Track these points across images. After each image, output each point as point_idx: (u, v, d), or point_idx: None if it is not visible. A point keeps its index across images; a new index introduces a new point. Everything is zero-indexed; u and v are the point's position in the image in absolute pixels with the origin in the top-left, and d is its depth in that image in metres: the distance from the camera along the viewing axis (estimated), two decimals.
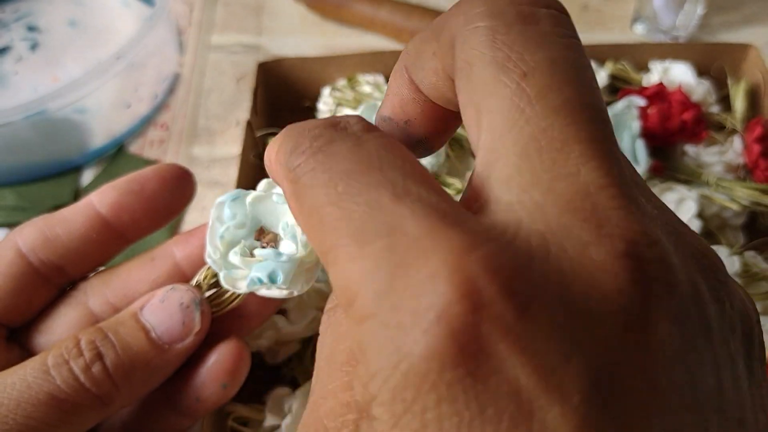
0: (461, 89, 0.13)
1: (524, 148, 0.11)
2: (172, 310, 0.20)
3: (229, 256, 0.19)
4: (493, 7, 0.12)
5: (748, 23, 0.47)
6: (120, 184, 0.21)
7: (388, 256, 0.10)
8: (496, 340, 0.09)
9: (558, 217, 0.10)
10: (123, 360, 0.19)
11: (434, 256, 0.10)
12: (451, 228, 0.10)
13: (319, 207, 0.12)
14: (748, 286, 0.29)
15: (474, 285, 0.10)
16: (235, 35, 0.49)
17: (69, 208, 0.21)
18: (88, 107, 0.41)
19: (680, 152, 0.35)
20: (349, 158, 0.12)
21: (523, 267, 0.10)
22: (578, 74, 0.12)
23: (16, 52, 0.47)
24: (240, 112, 0.44)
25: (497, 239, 0.10)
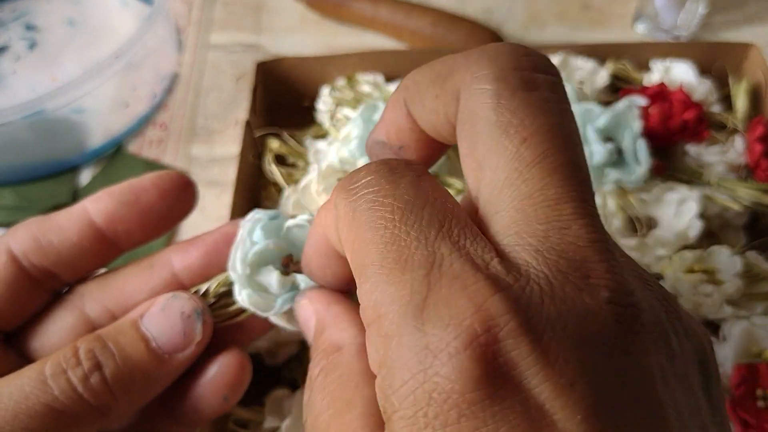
0: (463, 139, 0.14)
1: (521, 204, 0.13)
2: (173, 319, 0.20)
3: (261, 274, 0.19)
4: (498, 71, 0.14)
5: (749, 22, 0.47)
6: (116, 193, 0.21)
7: (423, 286, 0.12)
8: (514, 367, 0.11)
9: (556, 263, 0.12)
10: (122, 370, 0.19)
11: (464, 294, 0.12)
12: (479, 271, 0.12)
13: (373, 227, 0.13)
14: (749, 287, 0.29)
15: (495, 321, 0.11)
16: (234, 34, 0.49)
17: (64, 214, 0.21)
18: (87, 107, 0.40)
19: (681, 152, 0.35)
20: (409, 191, 0.14)
21: (536, 306, 0.12)
22: (570, 140, 0.14)
23: (14, 52, 0.47)
24: (239, 112, 0.44)
25: (514, 284, 0.12)
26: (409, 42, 0.46)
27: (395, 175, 0.14)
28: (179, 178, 0.21)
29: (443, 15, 0.45)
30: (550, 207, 0.13)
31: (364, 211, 0.13)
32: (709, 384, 0.14)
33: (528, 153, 0.13)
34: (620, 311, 0.12)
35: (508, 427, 0.11)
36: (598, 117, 0.31)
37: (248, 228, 0.20)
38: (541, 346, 0.11)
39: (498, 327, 0.11)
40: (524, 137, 0.13)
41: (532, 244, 0.12)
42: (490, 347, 0.11)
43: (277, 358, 0.30)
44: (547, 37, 0.47)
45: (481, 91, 0.14)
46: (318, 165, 0.32)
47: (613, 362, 0.12)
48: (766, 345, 0.27)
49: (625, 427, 0.11)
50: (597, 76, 0.38)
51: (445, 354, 0.11)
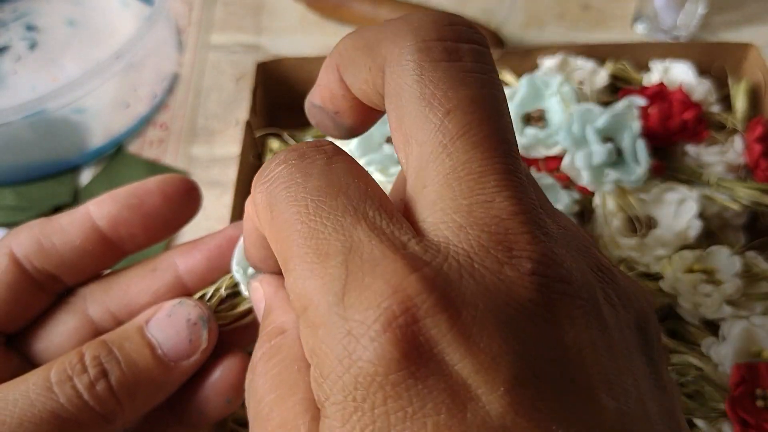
0: (391, 112, 0.14)
1: (446, 178, 0.13)
2: (179, 326, 0.20)
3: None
4: (421, 43, 0.14)
5: (749, 23, 0.47)
6: (119, 196, 0.21)
7: (343, 273, 0.12)
8: (435, 344, 0.11)
9: (477, 238, 0.12)
10: (128, 377, 0.19)
11: (381, 277, 0.12)
12: (396, 252, 0.12)
13: (290, 222, 0.13)
14: (749, 286, 0.29)
15: (413, 301, 0.11)
16: (235, 35, 0.49)
17: (66, 216, 0.21)
18: (87, 107, 0.40)
19: (681, 152, 0.35)
20: (320, 179, 0.13)
21: (454, 282, 0.12)
22: (495, 111, 0.13)
23: (14, 52, 0.47)
24: (239, 112, 0.44)
25: (432, 261, 0.12)
26: None
27: (305, 161, 0.14)
28: (184, 182, 0.21)
29: None
30: (474, 180, 0.13)
31: (280, 205, 0.13)
32: (650, 348, 0.14)
33: (452, 126, 0.13)
34: (544, 282, 0.12)
35: (432, 404, 0.11)
36: (597, 117, 0.31)
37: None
38: (459, 321, 0.11)
39: (416, 306, 0.11)
40: (447, 110, 0.13)
41: (456, 220, 0.12)
42: (409, 327, 0.11)
43: None
44: (547, 37, 0.47)
45: (405, 63, 0.14)
46: None
47: (537, 334, 0.12)
48: (766, 345, 0.27)
49: (550, 398, 0.11)
50: (596, 76, 0.38)
51: (366, 338, 0.11)
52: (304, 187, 0.13)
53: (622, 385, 0.12)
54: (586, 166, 0.30)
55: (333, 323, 0.12)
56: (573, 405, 0.11)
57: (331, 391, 0.12)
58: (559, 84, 0.33)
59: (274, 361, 0.15)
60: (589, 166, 0.30)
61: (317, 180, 0.13)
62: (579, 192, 0.31)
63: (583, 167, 0.30)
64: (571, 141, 0.31)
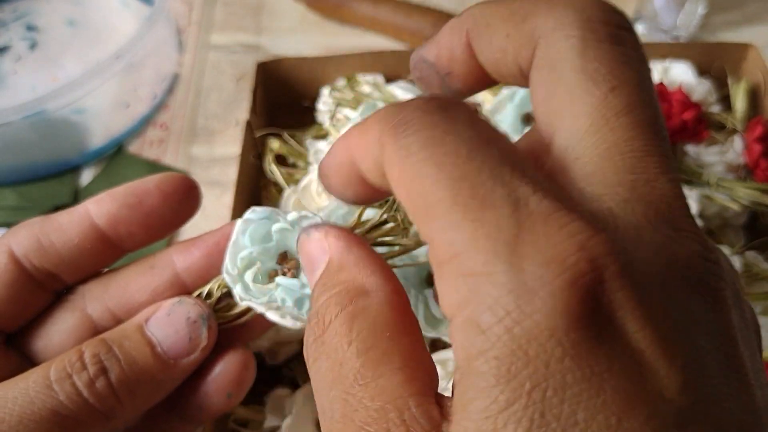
0: (539, 85, 0.14)
1: (607, 152, 0.13)
2: (178, 324, 0.20)
3: (245, 275, 0.20)
4: (585, 21, 0.14)
5: (748, 23, 0.47)
6: (119, 195, 0.21)
7: (512, 224, 0.11)
8: (617, 309, 0.11)
9: (644, 214, 0.12)
10: (128, 375, 0.19)
11: (562, 232, 0.11)
12: (572, 211, 0.12)
13: (437, 164, 0.12)
14: (749, 286, 0.29)
15: (600, 261, 0.11)
16: (235, 35, 0.49)
17: (66, 215, 0.21)
18: (87, 107, 0.40)
19: (681, 152, 0.35)
20: (468, 129, 0.13)
21: (633, 252, 0.12)
22: (653, 98, 0.14)
23: (15, 52, 0.47)
24: (239, 112, 0.44)
25: (610, 227, 0.12)
26: (410, 42, 0.46)
27: (448, 112, 0.13)
28: (183, 180, 0.21)
29: (443, 15, 0.45)
30: (637, 158, 0.13)
31: (422, 148, 0.13)
32: (761, 353, 0.14)
33: (617, 102, 0.13)
34: (709, 266, 0.12)
35: (614, 369, 0.11)
36: None
37: (239, 229, 0.20)
38: (640, 291, 0.11)
39: (603, 267, 0.11)
40: (613, 86, 0.13)
41: (619, 193, 0.12)
42: (595, 287, 0.11)
43: (278, 357, 0.30)
44: None
45: (566, 37, 0.14)
46: (318, 165, 0.32)
47: (705, 314, 0.12)
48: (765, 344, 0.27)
49: (716, 380, 0.11)
50: None
51: (546, 291, 0.11)
52: (454, 132, 0.13)
53: (759, 374, 0.12)
54: None
55: (502, 272, 0.11)
56: (735, 389, 0.11)
57: (493, 344, 0.11)
58: None
59: (359, 323, 0.14)
60: None
61: (467, 129, 0.13)
62: None
63: None
64: None
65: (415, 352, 0.14)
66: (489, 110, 0.34)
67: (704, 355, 0.11)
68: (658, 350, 0.11)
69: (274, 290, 0.20)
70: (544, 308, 0.11)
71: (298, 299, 0.19)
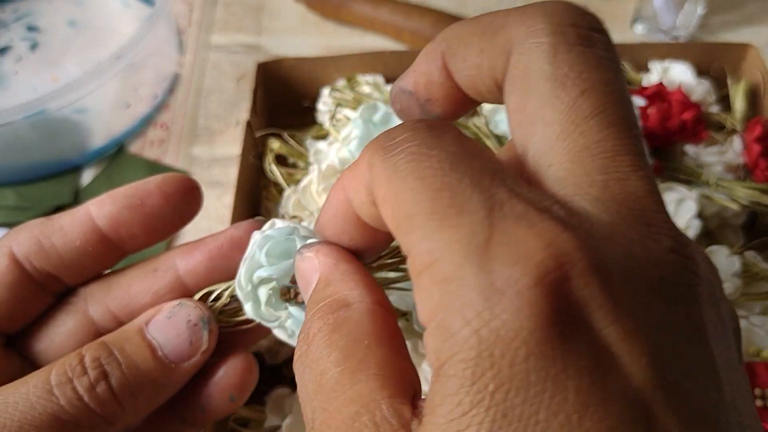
0: (512, 94, 0.14)
1: (578, 155, 0.13)
2: (179, 328, 0.19)
3: (258, 291, 0.19)
4: (555, 26, 0.14)
5: (747, 23, 0.47)
6: (119, 197, 0.21)
7: (485, 227, 0.12)
8: (584, 305, 0.11)
9: (617, 212, 0.12)
10: (129, 379, 0.19)
11: (531, 231, 0.11)
12: (543, 212, 0.12)
13: (420, 177, 0.13)
14: (748, 286, 0.29)
15: (567, 258, 0.11)
16: (235, 35, 0.49)
17: (67, 216, 0.21)
18: (88, 107, 0.41)
19: (680, 152, 0.35)
20: (453, 144, 0.13)
21: (604, 248, 0.12)
22: (625, 98, 0.14)
23: (15, 52, 0.47)
24: (240, 112, 0.44)
25: (581, 225, 0.12)
26: (409, 43, 0.46)
27: (436, 131, 0.14)
28: (184, 181, 0.21)
29: (443, 16, 0.45)
30: (608, 158, 0.13)
31: (408, 163, 0.13)
32: (739, 351, 0.14)
33: (586, 105, 0.13)
34: (682, 261, 0.12)
35: (576, 367, 0.11)
36: None
37: (257, 244, 0.19)
38: (610, 286, 0.11)
39: (570, 263, 0.11)
40: (582, 90, 0.13)
41: (590, 193, 0.12)
42: (561, 284, 0.11)
43: (278, 356, 0.30)
44: None
45: (537, 45, 0.14)
46: (318, 165, 0.32)
47: (675, 310, 0.12)
48: (764, 344, 0.27)
49: (683, 376, 0.11)
50: None
51: (513, 291, 0.11)
52: (439, 147, 0.13)
53: (730, 370, 0.12)
54: None
55: (472, 276, 0.11)
56: (702, 383, 0.12)
57: (461, 347, 0.11)
58: None
59: (339, 334, 0.15)
60: None
61: (451, 145, 0.13)
62: None
63: None
64: None
65: (394, 359, 0.14)
66: (488, 110, 0.35)
67: (672, 349, 0.11)
68: (625, 345, 0.11)
69: (285, 319, 0.20)
70: (510, 308, 0.11)
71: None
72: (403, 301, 0.26)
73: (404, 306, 0.26)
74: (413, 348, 0.27)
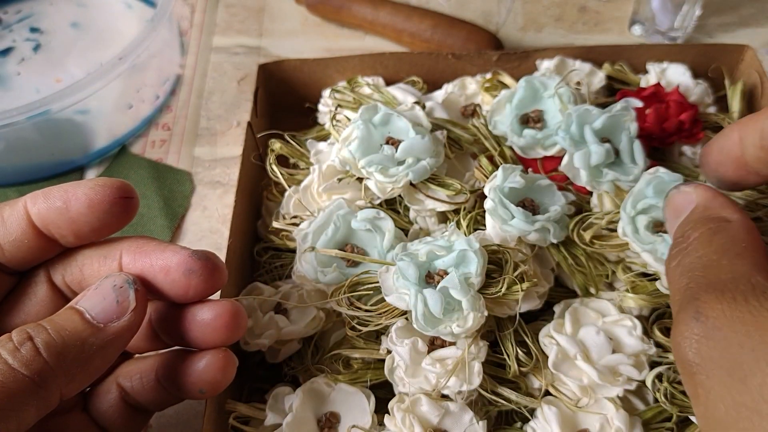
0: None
1: None
2: (105, 291, 0.20)
3: (638, 219, 0.28)
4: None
5: (745, 25, 0.47)
6: (51, 195, 0.21)
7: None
8: None
9: None
10: (55, 340, 0.19)
11: None
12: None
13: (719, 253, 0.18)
14: None
15: None
16: (237, 37, 0.49)
17: (7, 207, 0.21)
18: (91, 108, 0.41)
19: (677, 153, 0.35)
20: (741, 236, 0.19)
21: None
22: None
23: (18, 53, 0.47)
24: (241, 113, 0.44)
25: None
26: (409, 45, 0.46)
27: (724, 222, 0.20)
28: (116, 190, 0.21)
29: (442, 18, 0.45)
30: None
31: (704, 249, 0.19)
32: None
33: None
34: None
35: None
36: (596, 118, 0.31)
37: (647, 180, 0.28)
38: None
39: None
40: None
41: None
42: None
43: (279, 355, 0.30)
44: (545, 39, 0.48)
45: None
46: (319, 166, 0.32)
47: None
48: None
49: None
50: (594, 78, 0.38)
51: None
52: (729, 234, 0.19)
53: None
54: (584, 166, 0.30)
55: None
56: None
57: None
58: (556, 85, 0.33)
59: (719, 236, 0.19)
60: (587, 166, 0.30)
61: (741, 233, 0.19)
62: (575, 193, 0.32)
63: (581, 167, 0.30)
64: (570, 141, 0.31)
65: (766, 263, 0.18)
66: (488, 111, 0.35)
67: None
68: None
69: (659, 242, 0.26)
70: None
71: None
72: (403, 301, 0.26)
73: (404, 305, 0.26)
74: (413, 347, 0.27)
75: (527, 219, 0.28)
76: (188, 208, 0.40)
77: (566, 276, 0.30)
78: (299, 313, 0.30)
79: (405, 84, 0.39)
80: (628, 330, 0.28)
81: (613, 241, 0.29)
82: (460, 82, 0.38)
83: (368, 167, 0.30)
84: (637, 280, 0.29)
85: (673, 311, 0.19)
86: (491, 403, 0.28)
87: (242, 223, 0.34)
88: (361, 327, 0.27)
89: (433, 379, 0.27)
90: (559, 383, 0.28)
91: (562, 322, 0.29)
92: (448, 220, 0.31)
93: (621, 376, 0.27)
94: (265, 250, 0.35)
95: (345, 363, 0.29)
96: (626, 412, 0.27)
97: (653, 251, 0.27)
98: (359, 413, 0.28)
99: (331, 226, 0.30)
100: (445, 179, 0.31)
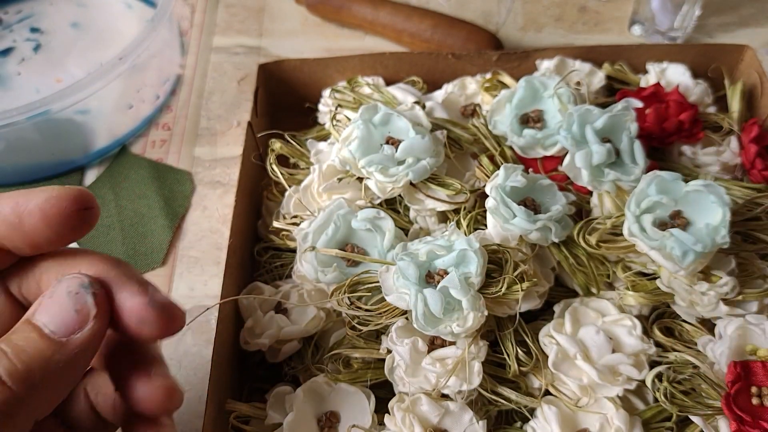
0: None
1: None
2: (60, 300, 0.19)
3: (643, 218, 0.28)
4: None
5: (744, 25, 0.47)
6: (3, 208, 0.20)
7: None
8: None
9: None
10: (17, 366, 0.18)
11: None
12: None
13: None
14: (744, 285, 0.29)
15: None
16: (237, 37, 0.50)
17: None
18: (91, 108, 0.41)
19: (677, 152, 0.36)
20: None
21: None
22: None
23: (19, 53, 0.47)
24: (241, 113, 0.44)
25: None
26: (409, 45, 0.46)
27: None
28: (71, 203, 0.20)
29: (442, 18, 0.46)
30: None
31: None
32: None
33: None
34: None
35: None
36: (597, 118, 0.31)
37: (648, 179, 0.29)
38: None
39: None
40: None
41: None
42: None
43: (279, 355, 0.30)
44: (545, 39, 0.48)
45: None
46: (319, 165, 0.32)
47: None
48: (761, 343, 0.27)
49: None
50: (594, 78, 0.38)
51: None
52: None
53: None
54: (586, 166, 0.30)
55: None
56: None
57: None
58: (556, 85, 0.33)
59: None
60: (588, 166, 0.30)
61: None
62: (576, 192, 0.32)
63: (583, 167, 0.30)
64: (572, 141, 0.31)
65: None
66: (488, 111, 0.35)
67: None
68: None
69: (667, 238, 0.26)
70: None
71: (685, 252, 0.26)
72: (403, 301, 0.26)
73: (404, 305, 0.26)
74: (413, 346, 0.27)
75: (529, 218, 0.28)
76: (188, 208, 0.40)
77: (566, 275, 0.30)
78: (299, 312, 0.30)
79: (405, 84, 0.39)
80: (627, 329, 0.28)
81: (620, 243, 0.29)
82: (460, 82, 0.38)
83: (368, 167, 0.30)
84: (636, 278, 0.29)
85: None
86: (491, 403, 0.28)
87: (242, 223, 0.34)
88: (362, 326, 0.28)
89: (433, 379, 0.27)
90: (559, 383, 0.28)
91: (562, 322, 0.29)
92: (448, 220, 0.31)
93: (621, 375, 0.27)
94: (265, 250, 0.35)
95: (345, 362, 0.29)
96: (626, 411, 0.27)
97: (661, 248, 0.27)
98: (359, 413, 0.28)
99: (332, 225, 0.30)
100: (445, 179, 0.31)
